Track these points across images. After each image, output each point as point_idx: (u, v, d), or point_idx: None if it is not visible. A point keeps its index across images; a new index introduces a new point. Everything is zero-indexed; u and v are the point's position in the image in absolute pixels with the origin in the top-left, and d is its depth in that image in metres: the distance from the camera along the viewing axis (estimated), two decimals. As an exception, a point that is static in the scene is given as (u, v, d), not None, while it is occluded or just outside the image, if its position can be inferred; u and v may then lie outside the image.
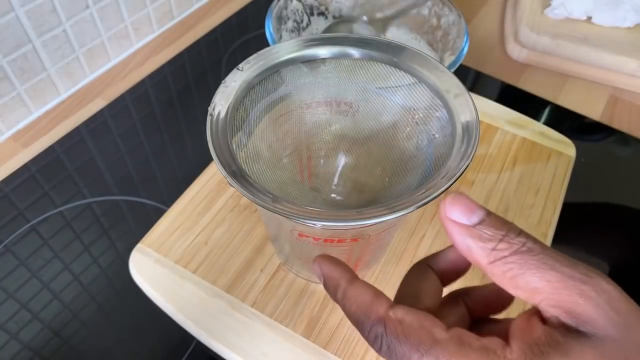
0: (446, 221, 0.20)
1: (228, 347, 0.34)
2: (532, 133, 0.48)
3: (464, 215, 0.19)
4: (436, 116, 0.29)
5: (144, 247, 0.38)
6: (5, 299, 0.37)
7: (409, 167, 0.30)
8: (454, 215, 0.19)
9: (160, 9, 0.56)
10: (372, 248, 0.31)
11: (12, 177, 0.44)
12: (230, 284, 0.37)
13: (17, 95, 0.46)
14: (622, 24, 0.57)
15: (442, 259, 0.23)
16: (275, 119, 0.32)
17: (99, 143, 0.47)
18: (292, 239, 0.29)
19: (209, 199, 0.41)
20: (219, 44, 0.58)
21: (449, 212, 0.19)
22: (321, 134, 0.34)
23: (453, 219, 0.19)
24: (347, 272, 0.21)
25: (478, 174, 0.44)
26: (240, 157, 0.26)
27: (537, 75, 0.57)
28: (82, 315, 0.37)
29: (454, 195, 0.20)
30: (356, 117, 0.33)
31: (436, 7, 0.42)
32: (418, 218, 0.41)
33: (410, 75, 0.30)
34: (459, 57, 0.37)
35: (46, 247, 0.40)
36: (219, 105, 0.27)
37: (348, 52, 0.31)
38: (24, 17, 0.43)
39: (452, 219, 0.19)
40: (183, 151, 0.47)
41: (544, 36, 0.56)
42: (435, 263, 0.23)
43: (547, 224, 0.41)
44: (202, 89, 0.53)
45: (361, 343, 0.34)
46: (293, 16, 0.42)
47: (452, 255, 0.23)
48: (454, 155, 0.25)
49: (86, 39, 0.49)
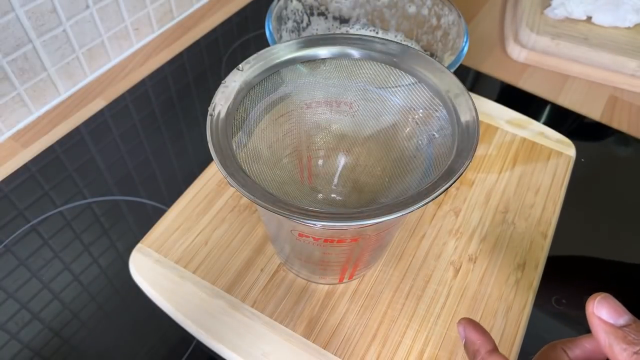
0: (592, 317, 0.22)
1: (228, 347, 0.34)
2: (532, 133, 0.48)
3: (612, 316, 0.22)
4: (436, 116, 0.29)
5: (144, 247, 0.38)
6: (5, 299, 0.37)
7: (409, 167, 0.30)
8: (602, 314, 0.22)
9: (160, 9, 0.56)
10: (372, 248, 0.31)
11: (12, 177, 0.44)
12: (230, 284, 0.37)
13: (17, 95, 0.46)
14: (622, 24, 0.57)
15: (579, 347, 0.25)
16: (275, 119, 0.32)
17: (99, 143, 0.47)
18: (292, 239, 0.29)
19: (209, 199, 0.41)
20: (219, 44, 0.58)
21: (597, 310, 0.22)
22: (321, 134, 0.34)
23: (600, 317, 0.22)
24: (488, 342, 0.24)
25: (478, 174, 0.44)
26: (240, 157, 0.26)
27: (537, 75, 0.57)
28: (82, 315, 0.37)
29: (603, 295, 0.22)
30: (356, 117, 0.33)
31: (436, 7, 0.42)
32: (418, 218, 0.41)
33: (410, 75, 0.30)
34: (459, 57, 0.37)
35: (46, 247, 0.40)
36: (219, 105, 0.27)
37: (348, 52, 0.31)
38: (24, 17, 0.43)
39: (598, 316, 0.22)
40: (183, 151, 0.47)
41: (544, 36, 0.56)
42: (571, 349, 0.25)
43: (547, 224, 0.41)
44: (202, 89, 0.53)
45: (361, 343, 0.34)
46: (293, 16, 0.42)
47: (589, 346, 0.24)
48: (454, 155, 0.25)
49: (86, 39, 0.50)
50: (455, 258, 0.39)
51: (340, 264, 0.32)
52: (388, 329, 0.35)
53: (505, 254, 0.39)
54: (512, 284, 0.38)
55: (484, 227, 0.41)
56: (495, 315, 0.36)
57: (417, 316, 0.36)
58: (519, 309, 0.36)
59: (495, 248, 0.40)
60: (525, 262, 0.39)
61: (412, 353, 0.34)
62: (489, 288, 0.37)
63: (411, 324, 0.35)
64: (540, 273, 0.38)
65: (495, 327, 0.35)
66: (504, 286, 0.37)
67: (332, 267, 0.33)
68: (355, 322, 0.35)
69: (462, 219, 0.41)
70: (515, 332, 0.35)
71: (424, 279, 0.38)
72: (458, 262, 0.39)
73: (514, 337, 0.35)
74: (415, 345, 0.34)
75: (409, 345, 0.34)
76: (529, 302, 0.37)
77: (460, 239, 0.40)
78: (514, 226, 0.41)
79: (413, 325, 0.35)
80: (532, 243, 0.40)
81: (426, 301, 0.36)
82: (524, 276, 0.38)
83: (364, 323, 0.35)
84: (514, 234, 0.41)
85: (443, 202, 0.42)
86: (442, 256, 0.39)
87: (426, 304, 0.36)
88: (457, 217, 0.41)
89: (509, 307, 0.36)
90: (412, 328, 0.35)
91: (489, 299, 0.37)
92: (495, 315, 0.36)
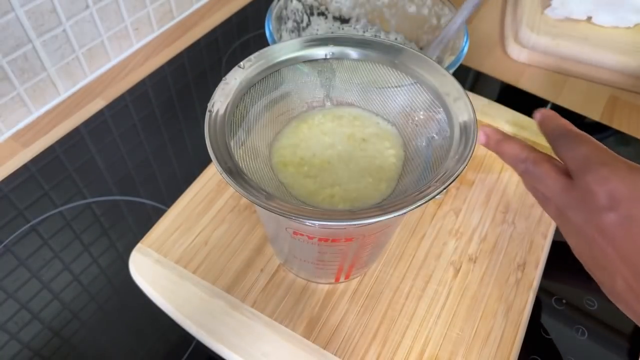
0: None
1: (228, 347, 0.34)
2: (532, 133, 0.48)
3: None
4: (436, 118, 0.29)
5: (144, 247, 0.38)
6: (5, 299, 0.37)
7: (408, 168, 0.30)
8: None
9: (160, 9, 0.56)
10: (368, 248, 0.31)
11: (12, 177, 0.44)
12: (230, 284, 0.37)
13: (17, 95, 0.46)
14: (622, 24, 0.57)
15: None
16: (275, 117, 0.32)
17: (99, 143, 0.47)
18: (288, 238, 0.29)
19: (209, 199, 0.41)
20: (219, 44, 0.58)
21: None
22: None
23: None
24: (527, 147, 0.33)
25: (478, 174, 0.44)
26: (238, 154, 0.26)
27: (537, 75, 0.57)
28: (82, 315, 0.37)
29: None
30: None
31: (436, 7, 0.42)
32: (418, 218, 0.41)
33: (410, 77, 0.30)
34: (459, 57, 0.37)
35: (46, 247, 0.40)
36: (218, 102, 0.27)
37: (349, 53, 0.31)
38: (24, 17, 0.43)
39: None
40: (183, 151, 0.47)
41: (544, 36, 0.56)
42: None
43: (547, 224, 0.41)
44: (202, 89, 0.53)
45: (361, 343, 0.34)
46: (293, 16, 0.42)
47: None
48: (451, 157, 0.25)
49: (86, 39, 0.50)
50: (456, 258, 0.39)
51: (336, 263, 0.32)
52: (388, 329, 0.35)
53: (505, 254, 0.39)
54: (512, 284, 0.38)
55: (484, 227, 0.41)
56: (495, 315, 0.36)
57: (417, 316, 0.36)
58: (519, 309, 0.36)
59: (495, 248, 0.40)
60: (525, 262, 0.39)
61: (412, 353, 0.34)
62: (489, 288, 0.37)
63: (411, 324, 0.35)
64: (540, 273, 0.38)
65: (495, 327, 0.35)
66: (504, 286, 0.37)
67: (328, 266, 0.33)
68: (356, 322, 0.35)
69: (462, 219, 0.41)
70: (515, 332, 0.35)
71: (424, 279, 0.38)
72: (458, 262, 0.39)
73: (514, 337, 0.35)
74: (416, 345, 0.34)
75: (409, 346, 0.34)
76: (529, 302, 0.37)
77: (461, 239, 0.40)
78: (514, 226, 0.41)
79: (413, 326, 0.35)
80: (532, 243, 0.40)
81: (426, 301, 0.36)
82: (524, 276, 0.38)
83: (364, 323, 0.35)
84: (514, 234, 0.41)
85: (443, 202, 0.42)
86: (442, 256, 0.39)
87: (426, 304, 0.36)
88: (457, 217, 0.41)
89: (509, 307, 0.36)
90: (412, 328, 0.35)
91: (489, 299, 0.37)
92: (495, 315, 0.36)
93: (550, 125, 0.33)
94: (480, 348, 0.34)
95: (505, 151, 0.33)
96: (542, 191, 0.31)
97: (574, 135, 0.31)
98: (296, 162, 0.30)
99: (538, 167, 0.31)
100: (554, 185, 0.30)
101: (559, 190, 0.29)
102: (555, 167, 0.30)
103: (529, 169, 0.32)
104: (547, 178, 0.30)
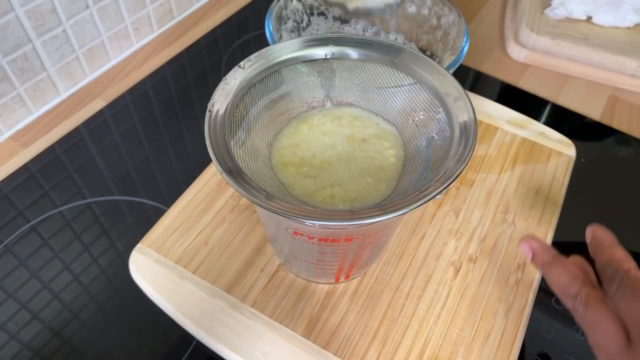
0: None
1: (228, 347, 0.34)
2: (532, 133, 0.48)
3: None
4: (436, 119, 0.29)
5: (144, 247, 0.38)
6: (5, 299, 0.37)
7: (407, 168, 0.30)
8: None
9: (160, 9, 0.56)
10: (368, 248, 0.31)
11: (12, 177, 0.44)
12: (230, 284, 0.37)
13: (17, 95, 0.46)
14: (622, 24, 0.57)
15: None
16: (275, 118, 0.32)
17: (99, 143, 0.47)
18: (288, 238, 0.29)
19: (209, 199, 0.41)
20: (219, 44, 0.58)
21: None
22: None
23: None
24: (550, 250, 0.31)
25: (478, 174, 0.44)
26: (238, 154, 0.26)
27: (537, 75, 0.57)
28: (82, 315, 0.37)
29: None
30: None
31: (436, 7, 0.42)
32: (418, 218, 0.41)
33: (410, 77, 0.30)
34: (459, 57, 0.37)
35: (46, 247, 0.40)
36: (218, 102, 0.27)
37: (349, 53, 0.31)
38: (24, 17, 0.43)
39: None
40: (183, 151, 0.47)
41: (544, 36, 0.56)
42: None
43: (547, 224, 0.41)
44: (202, 89, 0.53)
45: (361, 343, 0.34)
46: (293, 16, 0.42)
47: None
48: (451, 157, 0.25)
49: (86, 39, 0.50)
50: (456, 258, 0.39)
51: (336, 263, 0.32)
52: (388, 329, 0.35)
53: (505, 254, 0.39)
54: (512, 284, 0.38)
55: (484, 227, 0.41)
56: (495, 315, 0.36)
57: (417, 316, 0.36)
58: (519, 309, 0.36)
59: (495, 248, 0.40)
60: (525, 262, 0.39)
61: (412, 353, 0.34)
62: (489, 288, 0.37)
63: (411, 324, 0.35)
64: (541, 273, 0.38)
65: (495, 327, 0.35)
66: (504, 286, 0.37)
67: (328, 266, 0.33)
68: (356, 322, 0.35)
69: (462, 219, 0.41)
70: (515, 332, 0.35)
71: (424, 279, 0.38)
72: (458, 262, 0.39)
73: (514, 337, 0.35)
74: (416, 345, 0.34)
75: (409, 346, 0.34)
76: (529, 302, 0.37)
77: (461, 239, 0.40)
78: (514, 226, 0.41)
79: (413, 326, 0.35)
80: (532, 243, 0.40)
81: (426, 301, 0.36)
82: (524, 276, 0.38)
83: (364, 323, 0.35)
84: (514, 234, 0.41)
85: (443, 202, 0.42)
86: (442, 256, 0.39)
87: (426, 304, 0.36)
88: (457, 217, 0.41)
89: (509, 307, 0.36)
90: (412, 328, 0.35)
91: (489, 299, 0.37)
92: (495, 315, 0.36)
93: (603, 258, 0.29)
94: (480, 348, 0.34)
95: (553, 278, 0.30)
96: (591, 339, 0.27)
97: (632, 283, 0.26)
98: (296, 162, 0.30)
99: (590, 311, 0.27)
100: (607, 341, 0.26)
101: (615, 350, 0.26)
102: (611, 317, 0.26)
103: (579, 310, 0.28)
104: (600, 329, 0.26)
